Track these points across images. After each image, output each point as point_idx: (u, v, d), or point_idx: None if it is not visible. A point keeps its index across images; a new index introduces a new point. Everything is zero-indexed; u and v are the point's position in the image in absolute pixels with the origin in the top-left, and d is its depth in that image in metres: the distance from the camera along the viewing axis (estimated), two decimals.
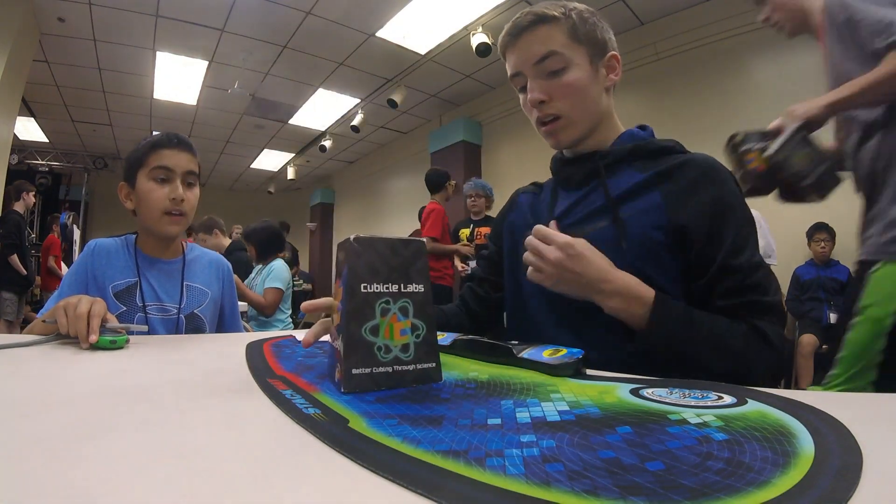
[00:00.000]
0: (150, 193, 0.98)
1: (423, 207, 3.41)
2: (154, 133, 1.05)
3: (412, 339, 0.45)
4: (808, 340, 2.76)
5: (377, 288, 0.43)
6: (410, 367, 0.44)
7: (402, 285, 0.45)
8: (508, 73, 0.74)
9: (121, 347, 0.67)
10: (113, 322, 0.71)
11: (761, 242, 2.72)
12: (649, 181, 0.67)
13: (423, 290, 0.46)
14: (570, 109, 0.71)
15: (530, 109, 0.73)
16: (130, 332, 0.72)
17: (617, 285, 0.60)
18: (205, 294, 1.08)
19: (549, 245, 0.62)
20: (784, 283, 3.04)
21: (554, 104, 0.70)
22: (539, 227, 0.64)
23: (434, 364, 0.46)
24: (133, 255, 1.02)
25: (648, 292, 0.60)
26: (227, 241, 3.17)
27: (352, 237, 0.44)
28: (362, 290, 0.43)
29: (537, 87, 0.70)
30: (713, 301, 0.62)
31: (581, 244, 0.62)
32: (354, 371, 0.41)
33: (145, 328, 0.90)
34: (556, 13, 0.69)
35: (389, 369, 0.43)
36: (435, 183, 3.43)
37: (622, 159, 0.71)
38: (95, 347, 0.64)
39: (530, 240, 0.64)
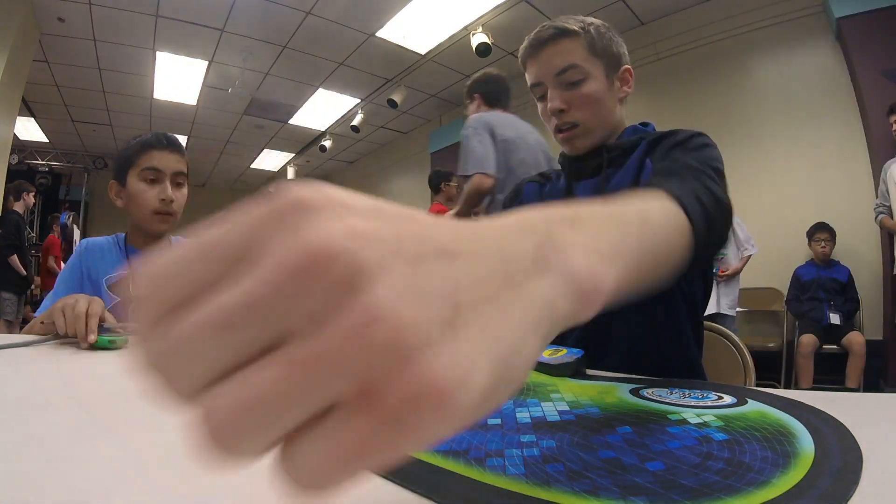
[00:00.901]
0: (140, 194, 1.02)
1: (428, 209, 3.42)
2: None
3: None
4: (808, 340, 2.75)
5: None
6: None
7: None
8: (528, 83, 0.77)
9: (120, 347, 0.67)
10: (111, 322, 0.72)
11: (740, 234, 2.76)
12: (643, 154, 0.70)
13: None
14: (588, 118, 0.74)
15: (549, 117, 0.76)
16: (129, 333, 0.73)
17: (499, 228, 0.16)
18: None
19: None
20: (784, 283, 3.04)
21: (573, 113, 0.73)
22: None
23: None
24: (123, 251, 1.07)
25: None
26: None
27: None
28: None
29: (557, 97, 0.73)
30: None
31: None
32: None
33: None
34: (576, 28, 0.72)
35: None
36: (436, 184, 3.43)
37: (629, 151, 0.74)
38: (94, 347, 0.65)
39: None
